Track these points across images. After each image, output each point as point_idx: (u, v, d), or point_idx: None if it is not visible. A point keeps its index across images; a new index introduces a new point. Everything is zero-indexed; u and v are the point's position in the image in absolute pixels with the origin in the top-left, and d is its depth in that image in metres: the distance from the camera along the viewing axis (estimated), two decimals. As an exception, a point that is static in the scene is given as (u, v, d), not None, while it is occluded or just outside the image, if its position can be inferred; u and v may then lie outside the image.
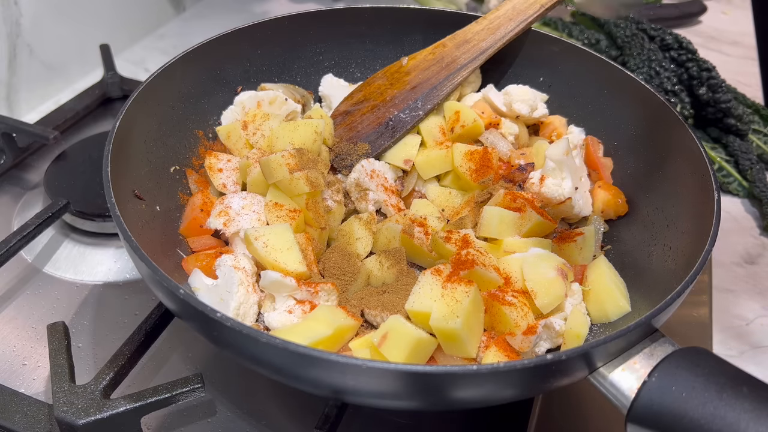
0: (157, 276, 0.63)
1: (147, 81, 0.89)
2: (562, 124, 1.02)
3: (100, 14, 1.48)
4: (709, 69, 1.28)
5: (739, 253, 1.11)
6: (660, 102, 0.91)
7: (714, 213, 0.74)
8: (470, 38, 1.01)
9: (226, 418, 0.79)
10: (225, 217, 0.84)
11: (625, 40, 1.45)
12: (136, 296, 0.94)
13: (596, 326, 0.80)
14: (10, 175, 1.15)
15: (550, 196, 0.88)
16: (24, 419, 0.75)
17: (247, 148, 0.97)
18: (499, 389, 0.60)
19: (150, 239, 0.77)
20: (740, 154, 1.25)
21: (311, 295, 0.78)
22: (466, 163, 0.91)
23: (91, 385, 0.72)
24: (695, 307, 0.98)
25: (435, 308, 0.71)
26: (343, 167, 0.96)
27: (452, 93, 1.00)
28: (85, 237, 1.03)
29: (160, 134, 0.91)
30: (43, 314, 0.91)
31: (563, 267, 0.79)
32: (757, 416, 0.54)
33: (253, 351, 0.61)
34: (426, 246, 0.85)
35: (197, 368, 0.84)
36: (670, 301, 0.64)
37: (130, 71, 1.44)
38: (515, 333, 0.73)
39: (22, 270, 0.98)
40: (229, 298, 0.75)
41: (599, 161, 0.95)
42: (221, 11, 1.82)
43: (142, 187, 0.83)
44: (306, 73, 1.11)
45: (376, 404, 0.74)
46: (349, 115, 1.01)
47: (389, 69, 1.03)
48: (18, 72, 1.31)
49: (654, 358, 0.61)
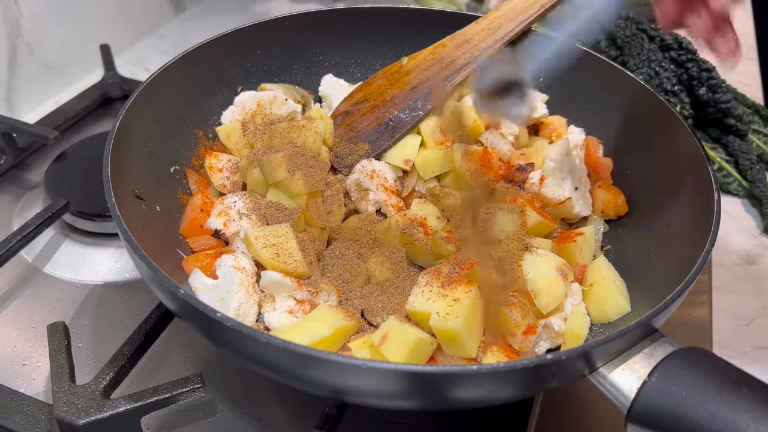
0: (158, 276, 0.63)
1: (147, 81, 0.89)
2: (562, 124, 1.02)
3: (100, 14, 1.48)
4: (708, 69, 1.28)
5: (739, 253, 1.11)
6: (660, 102, 0.91)
7: (714, 213, 0.74)
8: (470, 38, 1.01)
9: (226, 418, 0.79)
10: (225, 217, 0.84)
11: (624, 40, 1.45)
12: (136, 296, 0.94)
13: (596, 326, 0.80)
14: (10, 175, 1.15)
15: (550, 196, 0.88)
16: (24, 419, 0.75)
17: (247, 148, 0.97)
18: (499, 389, 0.60)
19: (150, 239, 0.77)
20: (740, 154, 1.25)
21: (311, 295, 0.78)
22: (466, 163, 0.91)
23: (91, 385, 0.72)
24: (695, 307, 0.98)
25: (435, 308, 0.71)
26: (343, 167, 0.96)
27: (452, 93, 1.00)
28: (85, 237, 1.03)
29: (160, 134, 0.91)
30: (43, 314, 0.91)
31: (563, 267, 0.79)
32: (757, 416, 0.54)
33: (253, 351, 0.61)
34: (426, 246, 0.85)
35: (197, 368, 0.84)
36: (670, 301, 0.64)
37: (130, 71, 1.43)
38: (515, 333, 0.73)
39: (22, 270, 0.98)
40: (229, 298, 0.75)
41: (599, 161, 0.95)
42: (221, 11, 1.82)
43: (142, 187, 0.83)
44: (306, 73, 1.11)
45: (376, 404, 0.74)
46: (349, 115, 1.01)
47: (389, 69, 1.03)
48: (18, 72, 1.31)
49: (654, 358, 0.61)
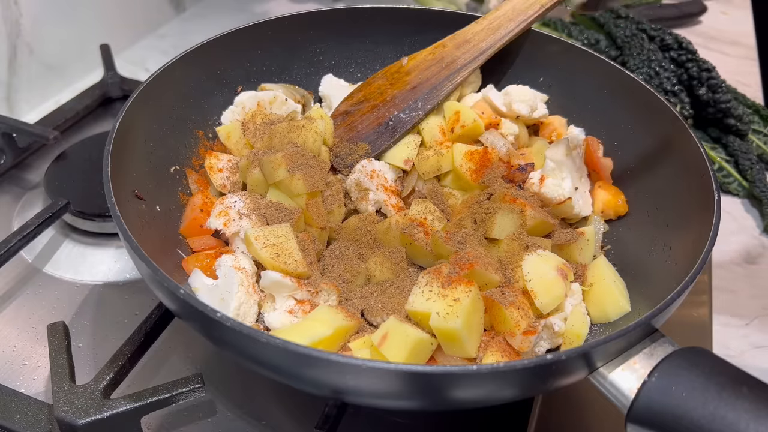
0: (158, 276, 0.63)
1: (147, 81, 0.89)
2: (562, 124, 1.02)
3: (100, 14, 1.48)
4: (708, 69, 1.28)
5: (739, 253, 1.11)
6: (660, 102, 0.91)
7: (714, 213, 0.74)
8: (470, 38, 1.01)
9: (226, 418, 0.79)
10: (225, 217, 0.84)
11: (624, 40, 1.45)
12: (136, 296, 0.94)
13: (596, 326, 0.80)
14: (10, 175, 1.15)
15: (550, 196, 0.88)
16: (24, 419, 0.75)
17: (247, 148, 0.97)
18: (499, 389, 0.60)
19: (150, 239, 0.77)
20: (740, 154, 1.25)
21: (311, 295, 0.78)
22: (466, 163, 0.91)
23: (91, 385, 0.72)
24: (695, 307, 0.98)
25: (435, 308, 0.71)
26: (343, 167, 0.96)
27: (452, 93, 1.00)
28: (85, 237, 1.03)
29: (160, 134, 0.91)
30: (43, 314, 0.91)
31: (563, 267, 0.79)
32: (757, 416, 0.54)
33: (253, 351, 0.61)
34: (426, 246, 0.85)
35: (197, 368, 0.84)
36: (670, 301, 0.64)
37: (130, 71, 1.44)
38: (515, 333, 0.73)
39: (22, 270, 0.98)
40: (229, 298, 0.75)
41: (599, 161, 0.95)
42: (221, 11, 1.82)
43: (142, 187, 0.83)
44: (306, 73, 1.11)
45: (376, 404, 0.74)
46: (349, 115, 1.01)
47: (389, 69, 1.03)
48: (18, 72, 1.31)
49: (654, 358, 0.61)
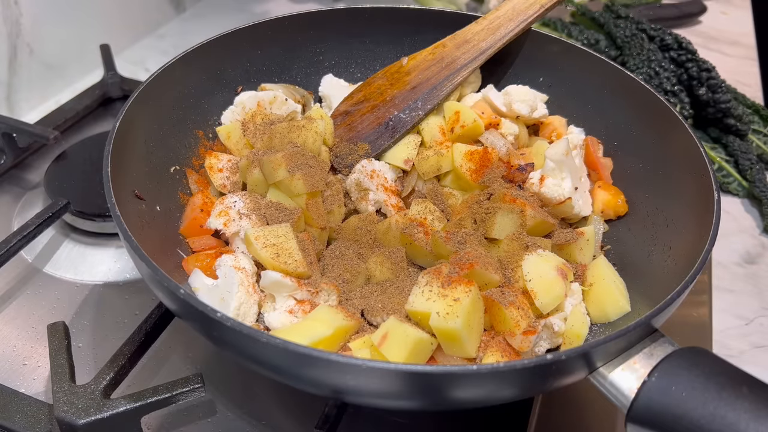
0: (158, 276, 0.63)
1: (147, 81, 0.89)
2: (562, 124, 1.02)
3: (100, 14, 1.48)
4: (708, 69, 1.28)
5: (739, 253, 1.11)
6: (660, 102, 0.91)
7: (714, 213, 0.74)
8: (470, 38, 1.01)
9: (226, 418, 0.79)
10: (225, 217, 0.84)
11: (624, 40, 1.45)
12: (136, 296, 0.94)
13: (596, 326, 0.80)
14: (10, 175, 1.15)
15: (550, 196, 0.88)
16: (24, 419, 0.75)
17: (247, 148, 0.97)
18: (499, 389, 0.60)
19: (150, 239, 0.77)
20: (740, 154, 1.25)
21: (311, 295, 0.78)
22: (466, 163, 0.91)
23: (91, 385, 0.72)
24: (695, 307, 0.98)
25: (435, 308, 0.71)
26: (343, 167, 0.96)
27: (452, 93, 1.00)
28: (85, 237, 1.03)
29: (160, 134, 0.91)
30: (43, 314, 0.91)
31: (563, 267, 0.79)
32: (756, 416, 0.54)
33: (253, 351, 0.61)
34: (426, 246, 0.85)
35: (197, 368, 0.84)
36: (670, 301, 0.64)
37: (130, 71, 1.44)
38: (515, 333, 0.73)
39: (23, 270, 0.98)
40: (229, 298, 0.75)
41: (599, 161, 0.95)
42: (221, 11, 1.82)
43: (142, 187, 0.83)
44: (306, 73, 1.11)
45: (376, 404, 0.74)
46: (349, 115, 1.01)
47: (389, 69, 1.03)
48: (18, 72, 1.31)
49: (654, 358, 0.61)
